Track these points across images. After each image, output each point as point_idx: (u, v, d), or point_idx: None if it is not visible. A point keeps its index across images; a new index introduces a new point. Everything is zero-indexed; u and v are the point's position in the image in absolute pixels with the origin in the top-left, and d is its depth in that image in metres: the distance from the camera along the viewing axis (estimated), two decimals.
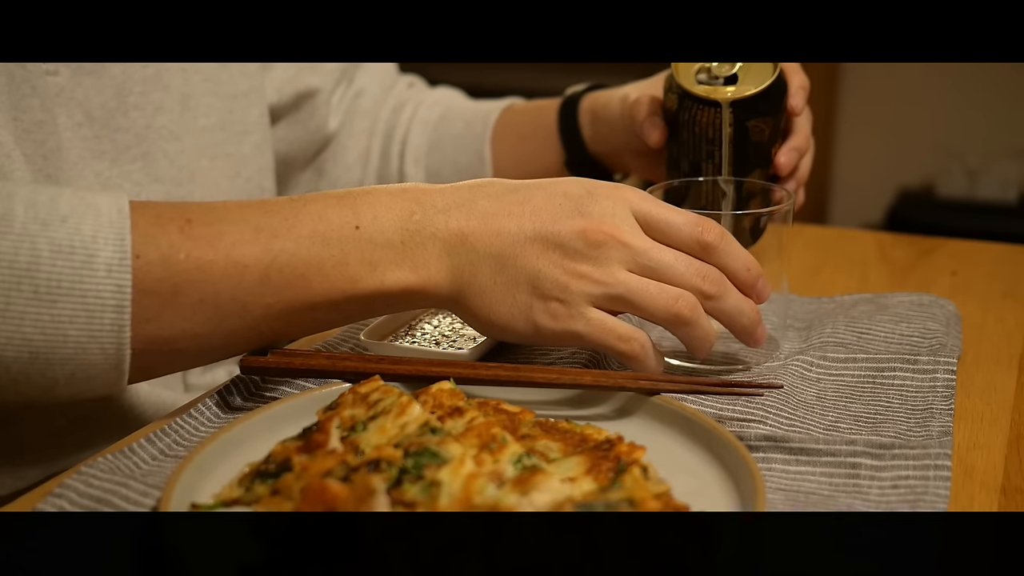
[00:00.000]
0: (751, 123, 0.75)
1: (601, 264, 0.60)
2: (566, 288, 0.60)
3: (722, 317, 0.63)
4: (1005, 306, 0.82)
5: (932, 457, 0.55)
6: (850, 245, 0.99)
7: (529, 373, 0.62)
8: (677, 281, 0.61)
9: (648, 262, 0.61)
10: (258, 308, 0.60)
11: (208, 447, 0.55)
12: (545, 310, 0.61)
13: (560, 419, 0.58)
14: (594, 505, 0.47)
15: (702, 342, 0.62)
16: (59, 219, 0.56)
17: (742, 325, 0.63)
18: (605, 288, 0.60)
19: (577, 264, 0.60)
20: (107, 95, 0.75)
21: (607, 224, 0.60)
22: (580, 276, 0.60)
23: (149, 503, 0.52)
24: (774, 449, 0.57)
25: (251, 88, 0.88)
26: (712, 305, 0.62)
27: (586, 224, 0.60)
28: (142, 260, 0.57)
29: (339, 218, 0.61)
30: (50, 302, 0.55)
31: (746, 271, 0.63)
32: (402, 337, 0.72)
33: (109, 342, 0.57)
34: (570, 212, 0.61)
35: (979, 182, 2.60)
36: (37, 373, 0.57)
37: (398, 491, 0.49)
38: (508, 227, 0.61)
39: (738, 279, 0.63)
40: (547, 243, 0.60)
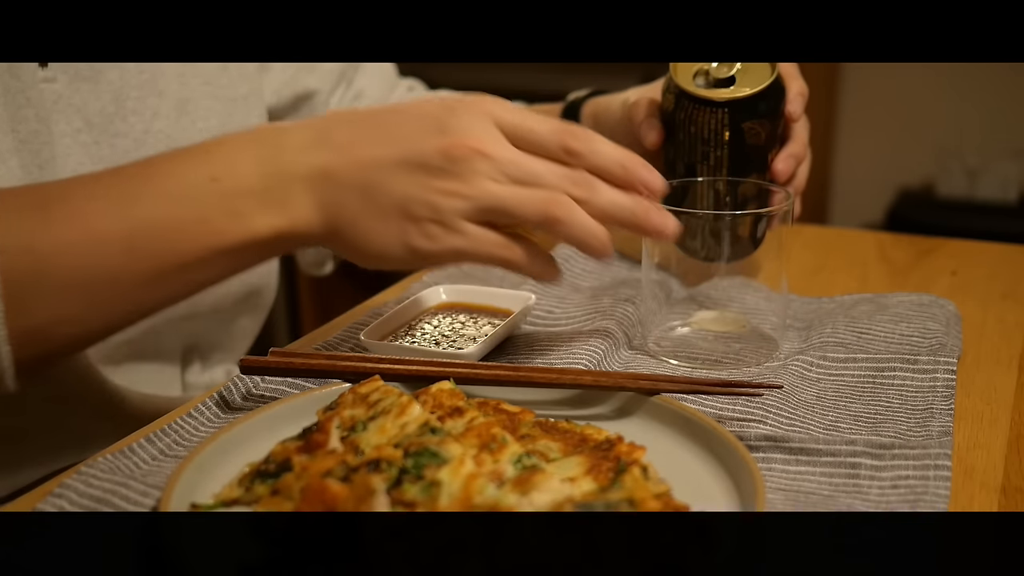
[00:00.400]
0: (747, 125, 0.75)
1: (467, 178, 0.59)
2: (437, 207, 0.59)
3: (603, 218, 0.61)
4: (1005, 306, 0.82)
5: (932, 457, 0.55)
6: (850, 245, 0.99)
7: (529, 373, 0.61)
8: (545, 187, 0.60)
9: (514, 172, 0.59)
10: (127, 279, 0.59)
11: (208, 447, 0.55)
12: (421, 233, 0.59)
13: (560, 419, 0.58)
14: (594, 505, 0.47)
15: (586, 239, 0.60)
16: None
17: (628, 220, 0.61)
18: (475, 201, 0.59)
19: (444, 182, 0.59)
20: (105, 100, 0.75)
21: (469, 138, 0.59)
22: (449, 193, 0.59)
23: (149, 503, 0.52)
24: (774, 449, 0.57)
25: (250, 91, 0.88)
26: (587, 209, 0.60)
27: (448, 141, 0.59)
28: (5, 254, 0.56)
29: (194, 173, 0.59)
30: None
31: (620, 168, 0.61)
32: (402, 337, 0.72)
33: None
34: (430, 131, 0.59)
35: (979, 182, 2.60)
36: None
37: (398, 491, 0.49)
38: (369, 155, 0.60)
39: (613, 177, 0.61)
40: (411, 165, 0.59)
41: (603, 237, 0.61)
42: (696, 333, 0.72)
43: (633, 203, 0.62)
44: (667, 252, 0.71)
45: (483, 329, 0.72)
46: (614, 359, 0.70)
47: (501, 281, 0.85)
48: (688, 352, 0.70)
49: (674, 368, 0.68)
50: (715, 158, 0.77)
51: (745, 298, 0.73)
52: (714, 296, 0.73)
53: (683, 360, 0.69)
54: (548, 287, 0.82)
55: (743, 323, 0.72)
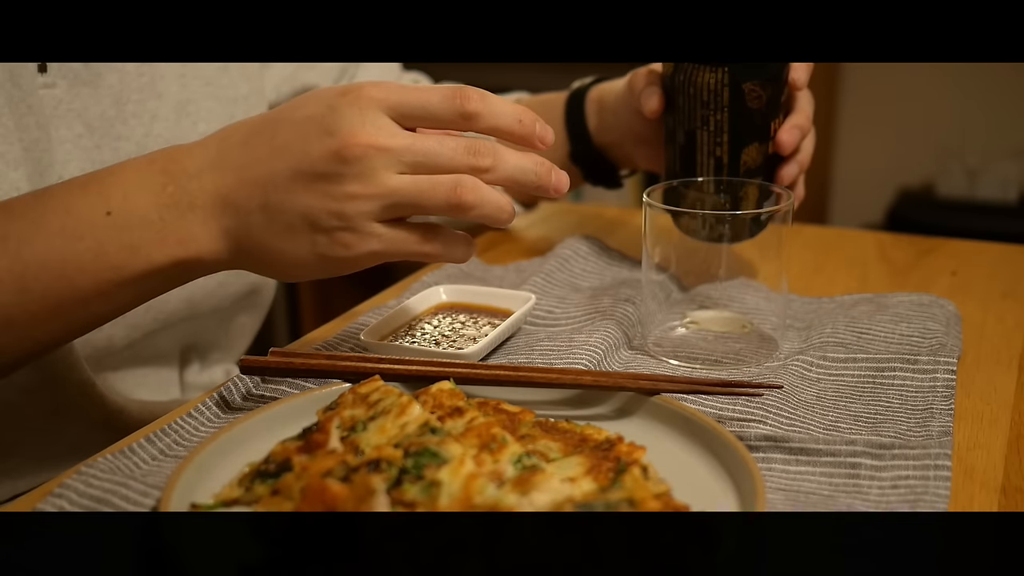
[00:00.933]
0: (747, 86, 0.74)
1: (367, 178, 0.57)
2: (342, 214, 0.58)
3: (507, 183, 0.60)
4: (1005, 306, 0.82)
5: (932, 457, 0.55)
6: (850, 245, 0.99)
7: (529, 373, 0.61)
8: (448, 166, 0.58)
9: (413, 157, 0.58)
10: (23, 318, 0.58)
11: (208, 447, 0.55)
12: (332, 242, 0.58)
13: (560, 419, 0.58)
14: (594, 505, 0.47)
15: (496, 214, 0.60)
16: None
17: (531, 182, 0.61)
18: (380, 200, 0.58)
19: (343, 186, 0.57)
20: (105, 104, 0.75)
21: (359, 135, 0.57)
22: (351, 197, 0.57)
23: (149, 503, 0.52)
24: (774, 449, 0.57)
25: (251, 91, 0.88)
26: (491, 177, 0.60)
27: (337, 142, 0.57)
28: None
29: (86, 207, 0.58)
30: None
31: (518, 124, 0.60)
32: (402, 337, 0.72)
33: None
34: (317, 135, 0.58)
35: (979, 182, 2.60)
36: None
37: (398, 491, 0.49)
38: (264, 172, 0.58)
39: (513, 135, 0.60)
40: (305, 177, 0.57)
41: (510, 208, 0.61)
42: (696, 333, 0.72)
43: (535, 164, 0.61)
44: (667, 252, 0.71)
45: (483, 329, 0.72)
46: (614, 359, 0.70)
47: (501, 281, 0.85)
48: (688, 352, 0.70)
49: (674, 368, 0.68)
50: (715, 122, 0.76)
51: (745, 298, 0.73)
52: (714, 296, 0.73)
53: (683, 360, 0.69)
54: (549, 287, 0.82)
55: (743, 323, 0.72)
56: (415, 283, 0.84)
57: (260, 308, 0.93)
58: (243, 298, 0.89)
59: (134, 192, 0.59)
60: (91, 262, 0.58)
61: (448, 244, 0.61)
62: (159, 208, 0.58)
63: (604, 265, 0.88)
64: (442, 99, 0.59)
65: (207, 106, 0.83)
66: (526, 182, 0.61)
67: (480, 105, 0.59)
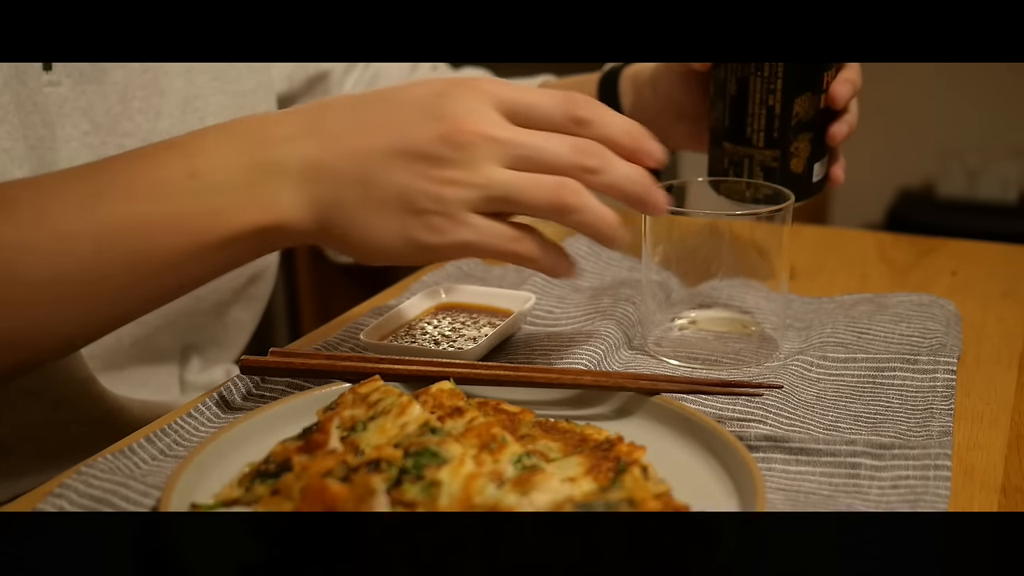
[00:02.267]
0: None
1: (471, 166, 0.56)
2: (441, 198, 0.56)
3: (612, 190, 0.58)
4: (1005, 306, 0.82)
5: (932, 457, 0.55)
6: (850, 245, 0.99)
7: (529, 373, 0.61)
8: (555, 162, 0.56)
9: (520, 151, 0.56)
10: (102, 282, 0.56)
11: (208, 447, 0.55)
12: (424, 226, 0.56)
13: (560, 419, 0.58)
14: (594, 505, 0.47)
15: (599, 226, 0.58)
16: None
17: (634, 193, 0.58)
18: (481, 190, 0.56)
19: (446, 171, 0.56)
20: (111, 101, 0.75)
21: (468, 122, 0.56)
22: (452, 183, 0.56)
23: (149, 503, 0.52)
24: (774, 449, 0.57)
25: (259, 85, 0.88)
26: (597, 180, 0.57)
27: (445, 127, 0.55)
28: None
29: (169, 169, 0.56)
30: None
31: (628, 136, 0.58)
32: (402, 337, 0.72)
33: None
34: (424, 117, 0.56)
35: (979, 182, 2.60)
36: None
37: (398, 491, 0.49)
38: (363, 145, 0.56)
39: (621, 147, 0.58)
40: (409, 156, 0.56)
41: (614, 223, 0.58)
42: (696, 333, 0.72)
43: (642, 177, 0.58)
44: (667, 252, 0.71)
45: (483, 329, 0.72)
46: (614, 359, 0.70)
47: (501, 281, 0.85)
48: (688, 352, 0.70)
49: (674, 368, 0.68)
50: (770, 67, 0.75)
51: (745, 298, 0.73)
52: (714, 296, 0.73)
53: (683, 360, 0.69)
54: (549, 287, 0.82)
55: (745, 323, 0.72)
56: (415, 283, 0.84)
57: (258, 301, 0.93)
58: (243, 289, 0.88)
59: (220, 154, 0.57)
60: (169, 225, 0.56)
61: (543, 249, 0.59)
62: (245, 172, 0.56)
63: (604, 265, 0.88)
64: (553, 102, 0.58)
65: (216, 100, 0.83)
66: (630, 192, 0.58)
67: (590, 112, 0.58)
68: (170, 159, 0.57)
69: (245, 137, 0.58)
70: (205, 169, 0.56)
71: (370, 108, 0.58)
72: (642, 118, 0.89)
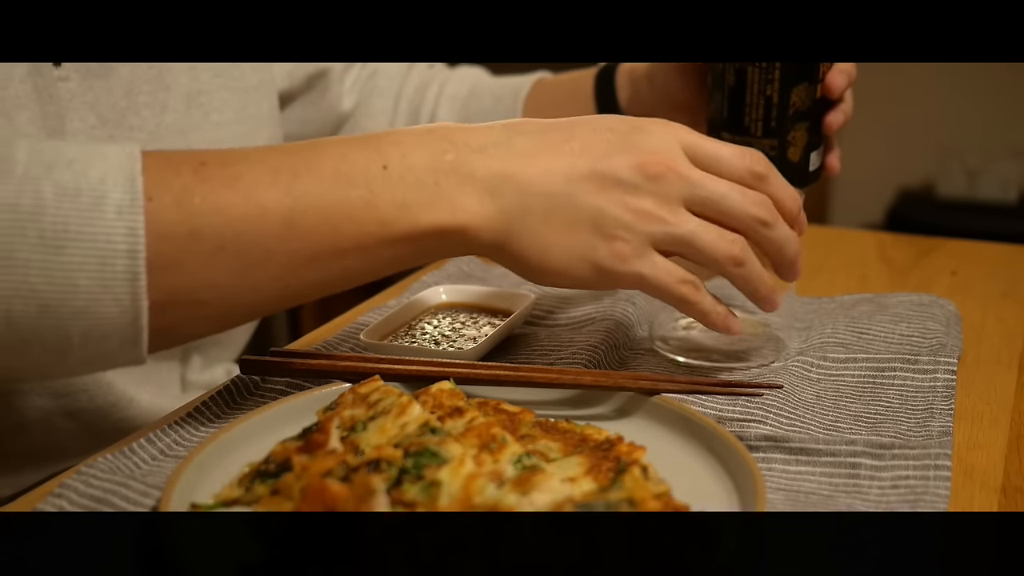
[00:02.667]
0: None
1: (663, 201, 0.58)
2: (630, 227, 0.57)
3: (771, 247, 0.61)
4: (1005, 306, 0.82)
5: (932, 457, 0.55)
6: (850, 245, 0.99)
7: (529, 373, 0.61)
8: (736, 210, 0.59)
9: (705, 193, 0.58)
10: (282, 255, 0.56)
11: (208, 447, 0.55)
12: (611, 251, 0.58)
13: (560, 419, 0.58)
14: (594, 505, 0.47)
15: (759, 282, 0.61)
16: (64, 163, 0.52)
17: (789, 257, 0.62)
18: (669, 228, 0.58)
19: (639, 200, 0.57)
20: (117, 95, 0.76)
21: (663, 156, 0.58)
22: (644, 214, 0.57)
23: (149, 503, 0.52)
24: (774, 449, 0.57)
25: (261, 81, 0.88)
26: (766, 234, 0.60)
27: (642, 158, 0.58)
28: (155, 202, 0.53)
29: (363, 158, 0.57)
30: (57, 248, 0.51)
31: (792, 201, 0.62)
32: (402, 337, 0.72)
33: (123, 291, 0.52)
34: (621, 147, 0.58)
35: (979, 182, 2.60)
36: (49, 330, 0.52)
37: (398, 491, 0.49)
38: (557, 165, 0.58)
39: (784, 208, 0.61)
40: (604, 180, 0.57)
41: (771, 287, 0.62)
42: (703, 332, 0.72)
43: (797, 243, 0.62)
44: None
45: (483, 329, 0.72)
46: (614, 359, 0.70)
47: (501, 281, 0.85)
48: (695, 350, 0.69)
49: (681, 365, 0.68)
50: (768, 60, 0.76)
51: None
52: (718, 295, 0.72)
53: (691, 357, 0.69)
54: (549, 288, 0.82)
55: (752, 323, 0.72)
56: (415, 283, 0.84)
57: None
58: None
59: (412, 153, 0.57)
60: (360, 211, 0.56)
61: (711, 303, 0.61)
62: (435, 173, 0.57)
63: None
64: (735, 154, 0.60)
65: (219, 96, 0.83)
66: (786, 254, 0.62)
67: (767, 170, 0.60)
68: (366, 151, 0.57)
69: (437, 140, 0.58)
70: (397, 164, 0.57)
71: (562, 131, 0.59)
72: (640, 112, 0.90)
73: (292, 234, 0.55)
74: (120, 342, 0.54)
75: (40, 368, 0.56)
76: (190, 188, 0.54)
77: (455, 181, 0.57)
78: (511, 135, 0.59)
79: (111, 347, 0.54)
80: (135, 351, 0.54)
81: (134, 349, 0.54)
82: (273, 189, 0.55)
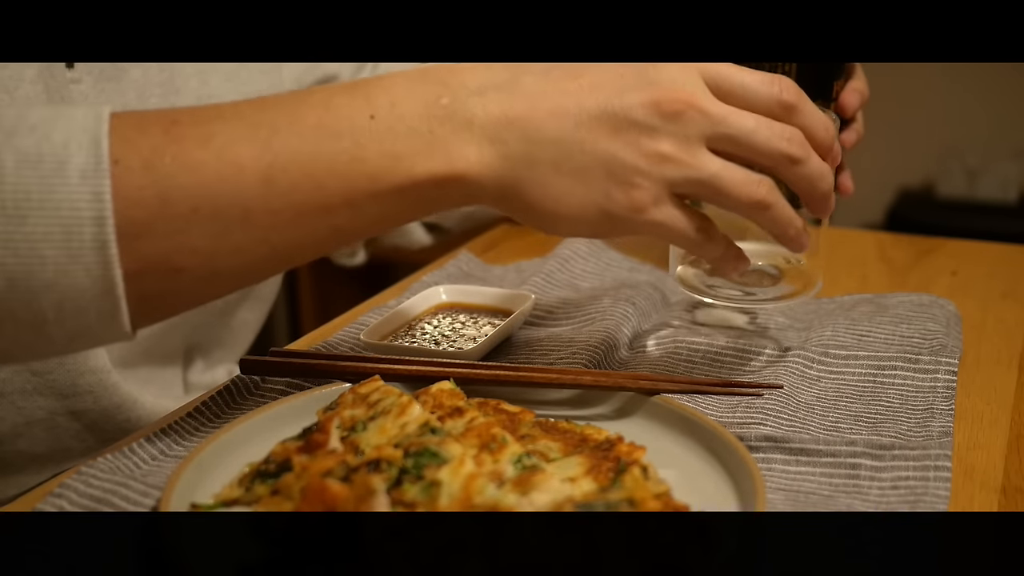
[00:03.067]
0: None
1: (682, 142, 0.53)
2: (647, 173, 0.53)
3: (802, 184, 0.57)
4: (1005, 306, 0.82)
5: (932, 458, 0.55)
6: (850, 245, 0.99)
7: (529, 373, 0.61)
8: (763, 147, 0.55)
9: (729, 130, 0.54)
10: (263, 215, 0.52)
11: (208, 447, 0.55)
12: (627, 200, 0.54)
13: (560, 419, 0.58)
14: (594, 505, 0.47)
15: (787, 224, 0.57)
16: (27, 128, 0.49)
17: (823, 191, 0.57)
18: (689, 172, 0.54)
19: (656, 143, 0.53)
20: (129, 98, 0.76)
21: (680, 91, 0.53)
22: (662, 158, 0.53)
23: (149, 503, 0.52)
24: (774, 449, 0.57)
25: (270, 86, 0.89)
26: (796, 170, 0.56)
27: (658, 94, 0.53)
28: (121, 165, 0.50)
29: (349, 107, 0.53)
30: (19, 218, 0.48)
31: (825, 131, 0.57)
32: (402, 337, 0.72)
33: (93, 261, 0.49)
34: (636, 83, 0.54)
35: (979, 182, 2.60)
36: (20, 305, 0.50)
37: (398, 491, 0.49)
38: (566, 106, 0.54)
39: (816, 140, 0.57)
40: (617, 121, 0.53)
41: (800, 225, 0.57)
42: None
43: (831, 175, 0.57)
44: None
45: (483, 329, 0.72)
46: (614, 359, 0.70)
47: (501, 281, 0.85)
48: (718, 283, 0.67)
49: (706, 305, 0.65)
50: (783, 72, 0.76)
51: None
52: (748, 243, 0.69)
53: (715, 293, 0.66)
54: (549, 287, 0.82)
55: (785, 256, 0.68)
56: (415, 283, 0.84)
57: (264, 302, 0.94)
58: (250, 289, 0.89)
59: (403, 100, 0.54)
60: (346, 164, 0.52)
61: (726, 243, 0.58)
62: (429, 120, 0.53)
63: (604, 265, 0.88)
64: (763, 82, 0.55)
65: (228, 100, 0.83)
66: (818, 189, 0.57)
67: (798, 99, 0.56)
68: (352, 100, 0.54)
69: (431, 83, 0.54)
70: (386, 113, 0.53)
71: (571, 69, 0.55)
72: None
73: (271, 192, 0.52)
74: (98, 315, 0.51)
75: (24, 347, 0.53)
76: (160, 148, 0.51)
77: (451, 128, 0.53)
78: (515, 74, 0.55)
79: (89, 321, 0.51)
80: (115, 325, 0.51)
81: (113, 323, 0.51)
82: (250, 145, 0.52)
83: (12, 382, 0.73)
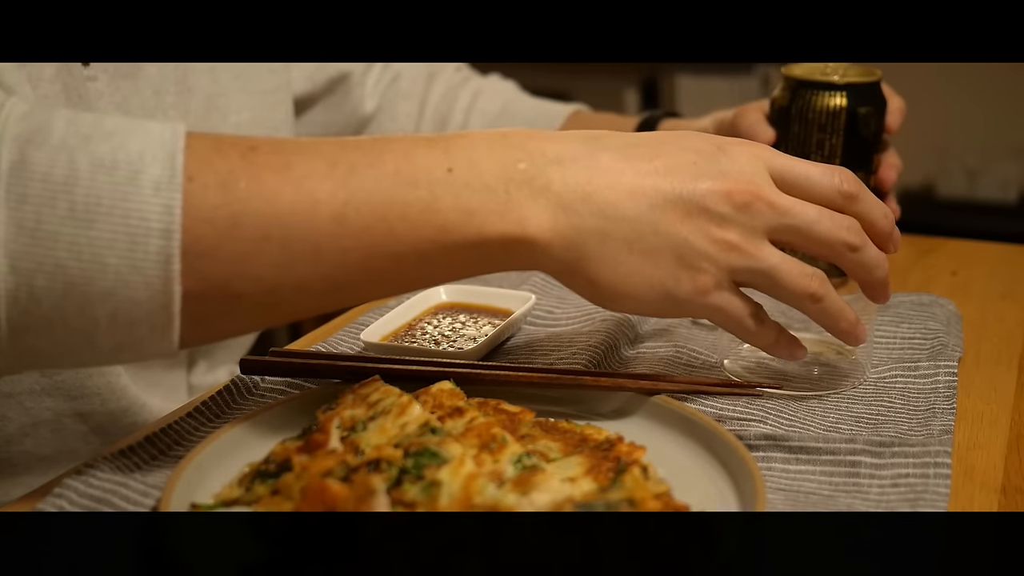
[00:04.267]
0: (862, 110, 0.77)
1: (748, 232, 0.55)
2: (714, 259, 0.55)
3: (859, 271, 0.59)
4: (1005, 306, 0.82)
5: (932, 455, 0.55)
6: None
7: (529, 373, 0.61)
8: (824, 236, 0.56)
9: (793, 221, 0.56)
10: (333, 253, 0.51)
11: (208, 447, 0.55)
12: (692, 284, 0.55)
13: (560, 419, 0.58)
14: (594, 505, 0.47)
15: (839, 316, 0.58)
16: (103, 134, 0.49)
17: (879, 278, 0.59)
18: (752, 261, 0.56)
19: (725, 232, 0.55)
20: (145, 95, 0.76)
21: (751, 183, 0.55)
22: (729, 246, 0.55)
23: (149, 503, 0.52)
24: (774, 448, 0.57)
25: (278, 85, 0.89)
26: (854, 258, 0.58)
27: (730, 185, 0.55)
28: (196, 183, 0.49)
29: (428, 158, 0.53)
30: (87, 222, 0.48)
31: (884, 219, 0.59)
32: (402, 337, 0.72)
33: (154, 273, 0.48)
34: (708, 171, 0.55)
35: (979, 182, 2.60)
36: (75, 311, 0.49)
37: (398, 491, 0.49)
38: (643, 186, 0.55)
39: (876, 228, 0.59)
40: (690, 207, 0.55)
41: (852, 320, 0.59)
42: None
43: (886, 263, 0.59)
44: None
45: (483, 329, 0.72)
46: (614, 359, 0.70)
47: (501, 281, 0.85)
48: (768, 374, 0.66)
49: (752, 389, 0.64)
50: (829, 146, 0.78)
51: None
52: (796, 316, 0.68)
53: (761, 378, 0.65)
54: (549, 287, 0.82)
55: (838, 348, 0.68)
56: None
57: None
58: None
59: (482, 158, 0.54)
60: (419, 213, 0.52)
61: (777, 332, 0.60)
62: (506, 181, 0.53)
63: None
64: (824, 174, 0.58)
65: (237, 99, 0.84)
66: (877, 277, 0.59)
67: (858, 189, 0.58)
68: (431, 151, 0.54)
69: (513, 149, 0.55)
70: (466, 168, 0.53)
71: (647, 149, 0.56)
72: None
73: (344, 231, 0.51)
74: (150, 329, 0.50)
75: (68, 352, 0.52)
76: (236, 172, 0.50)
77: (528, 192, 0.54)
78: (592, 149, 0.56)
79: (141, 334, 0.50)
80: (165, 341, 0.51)
81: (164, 339, 0.51)
82: (327, 181, 0.51)
83: (21, 382, 0.73)
